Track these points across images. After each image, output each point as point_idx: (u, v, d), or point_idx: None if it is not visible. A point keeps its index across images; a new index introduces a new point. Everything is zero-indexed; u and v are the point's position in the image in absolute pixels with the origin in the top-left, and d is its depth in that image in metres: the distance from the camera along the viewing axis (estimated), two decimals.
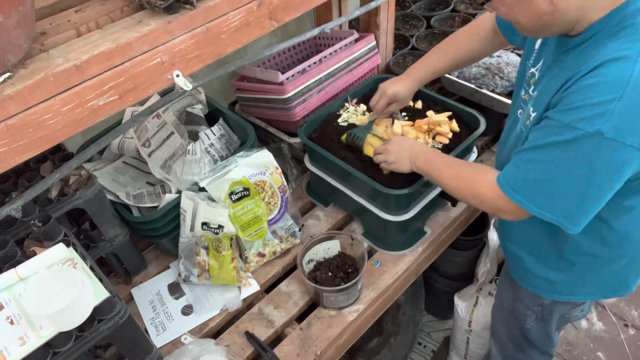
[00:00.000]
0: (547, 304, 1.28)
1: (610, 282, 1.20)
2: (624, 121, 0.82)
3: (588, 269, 1.17)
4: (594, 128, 0.83)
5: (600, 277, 1.18)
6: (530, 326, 1.36)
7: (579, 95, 0.86)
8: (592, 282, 1.20)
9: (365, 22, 1.84)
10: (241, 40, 0.92)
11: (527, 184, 0.96)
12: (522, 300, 1.34)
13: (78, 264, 0.90)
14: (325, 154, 1.38)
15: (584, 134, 0.85)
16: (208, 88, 1.83)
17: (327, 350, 1.25)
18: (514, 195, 0.97)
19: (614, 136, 0.83)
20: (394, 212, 1.32)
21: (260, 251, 1.38)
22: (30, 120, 0.70)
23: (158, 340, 1.26)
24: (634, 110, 0.82)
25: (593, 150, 0.86)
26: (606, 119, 0.82)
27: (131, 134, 1.46)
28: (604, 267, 1.16)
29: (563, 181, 0.91)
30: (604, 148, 0.84)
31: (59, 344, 0.85)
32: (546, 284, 1.24)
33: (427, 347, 2.22)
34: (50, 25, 0.83)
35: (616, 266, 1.16)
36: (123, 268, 1.40)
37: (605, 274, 1.17)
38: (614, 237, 1.10)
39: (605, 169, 0.88)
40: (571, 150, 0.88)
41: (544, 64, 1.04)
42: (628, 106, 0.82)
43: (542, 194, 0.95)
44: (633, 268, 1.18)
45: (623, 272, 1.18)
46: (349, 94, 1.59)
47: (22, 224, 1.06)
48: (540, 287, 1.26)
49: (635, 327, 2.25)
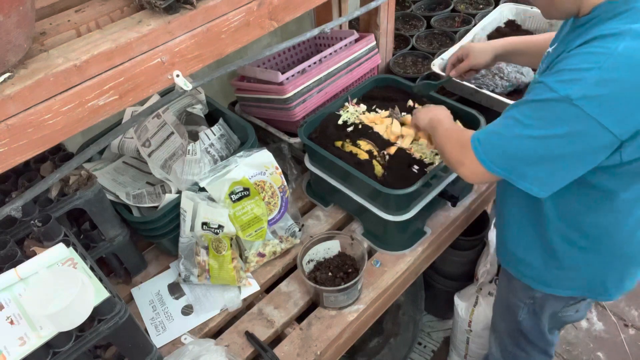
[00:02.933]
0: (538, 298, 1.28)
1: (588, 280, 1.19)
2: (593, 92, 0.83)
3: (566, 258, 1.16)
4: (565, 92, 0.85)
5: (578, 271, 1.18)
6: (522, 319, 1.37)
7: (565, 62, 0.88)
8: (570, 276, 1.20)
9: (365, 22, 1.84)
10: (241, 40, 0.92)
11: (491, 140, 0.97)
12: (515, 292, 1.35)
13: (78, 264, 0.90)
14: (325, 154, 1.38)
15: (556, 96, 0.86)
16: (208, 88, 1.83)
17: (327, 350, 1.25)
18: (477, 150, 0.98)
19: (581, 104, 0.83)
20: (394, 212, 1.32)
21: (260, 251, 1.38)
22: (30, 120, 0.70)
23: (158, 340, 1.26)
24: (605, 83, 0.83)
25: (559, 114, 0.87)
26: (579, 86, 0.84)
27: (131, 134, 1.46)
28: (581, 261, 1.15)
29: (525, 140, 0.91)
30: (569, 114, 0.85)
31: (59, 344, 0.85)
32: (528, 269, 1.25)
33: (427, 347, 2.22)
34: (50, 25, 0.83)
35: (595, 263, 1.15)
36: (123, 268, 1.40)
37: (583, 269, 1.17)
38: (592, 228, 1.09)
39: (567, 137, 0.87)
40: (540, 111, 0.89)
41: (555, 43, 1.06)
42: (601, 77, 0.83)
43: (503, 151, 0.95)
44: (613, 270, 1.16)
45: (601, 271, 1.17)
46: (349, 94, 1.59)
47: (22, 224, 1.06)
48: (523, 273, 1.27)
49: (635, 327, 2.25)
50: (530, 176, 0.94)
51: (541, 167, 0.93)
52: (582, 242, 1.12)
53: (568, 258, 1.16)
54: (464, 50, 1.42)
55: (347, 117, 1.52)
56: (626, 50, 0.82)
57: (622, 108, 0.84)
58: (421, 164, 1.37)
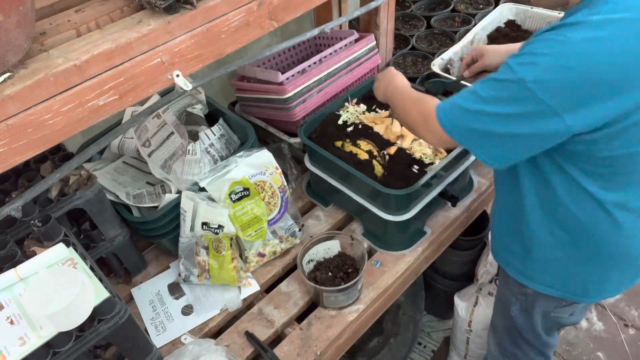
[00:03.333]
0: (529, 294, 1.28)
1: (567, 277, 1.19)
2: (545, 76, 0.86)
3: (546, 249, 1.16)
4: (521, 74, 0.88)
5: (558, 268, 1.18)
6: (514, 314, 1.37)
7: (529, 46, 0.92)
8: (550, 272, 1.20)
9: (365, 22, 1.84)
10: (241, 40, 0.92)
11: (455, 112, 1.01)
12: (508, 287, 1.35)
13: (78, 264, 0.90)
14: (325, 154, 1.38)
15: (513, 77, 0.89)
16: (208, 88, 1.83)
17: (327, 350, 1.25)
18: (442, 120, 1.02)
19: (532, 87, 0.87)
20: (394, 212, 1.32)
21: (260, 251, 1.38)
22: (30, 120, 0.70)
23: (158, 340, 1.26)
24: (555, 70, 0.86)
25: (513, 95, 0.90)
26: (533, 69, 0.87)
27: (131, 134, 1.46)
28: (560, 254, 1.15)
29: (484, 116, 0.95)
30: (522, 96, 0.89)
31: (59, 344, 0.85)
32: (512, 257, 1.26)
33: (427, 347, 2.22)
34: (50, 25, 0.83)
35: (573, 258, 1.14)
36: (123, 268, 1.40)
37: (562, 262, 1.17)
38: (573, 223, 1.09)
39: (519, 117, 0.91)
40: (499, 90, 0.93)
41: None
42: (554, 63, 0.86)
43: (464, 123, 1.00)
44: (595, 272, 1.15)
45: (583, 272, 1.16)
46: (349, 94, 1.59)
47: (22, 224, 1.06)
48: (507, 262, 1.29)
49: (635, 327, 2.25)
50: (485, 149, 1.00)
51: (495, 143, 0.98)
52: (561, 234, 1.12)
53: (547, 249, 1.16)
54: (479, 51, 1.44)
55: (347, 117, 1.52)
56: (580, 41, 0.85)
57: (572, 96, 0.87)
58: (421, 164, 1.37)
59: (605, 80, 0.85)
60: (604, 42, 0.85)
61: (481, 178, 1.62)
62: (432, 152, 1.41)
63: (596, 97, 0.87)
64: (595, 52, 0.85)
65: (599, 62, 0.85)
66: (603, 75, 0.85)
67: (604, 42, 0.85)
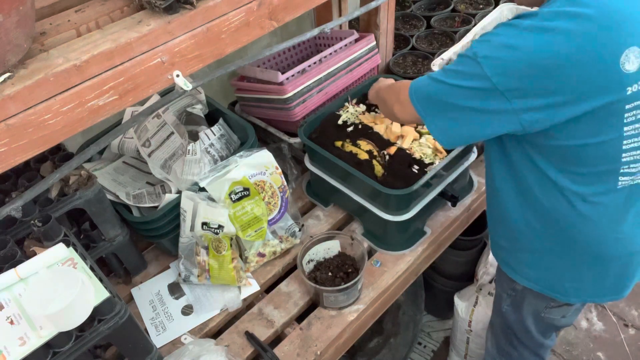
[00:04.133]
0: (518, 290, 1.29)
1: (545, 271, 1.19)
2: (493, 53, 0.92)
3: (528, 241, 1.17)
4: (475, 49, 0.95)
5: (538, 261, 1.18)
6: (505, 310, 1.38)
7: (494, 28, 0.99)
8: (532, 265, 1.20)
9: (365, 22, 1.84)
10: (241, 40, 0.92)
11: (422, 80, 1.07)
12: (501, 281, 1.36)
13: (78, 264, 0.90)
14: (325, 154, 1.38)
15: (470, 53, 0.96)
16: (208, 88, 1.83)
17: (327, 350, 1.25)
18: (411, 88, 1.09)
19: (482, 62, 0.92)
20: (394, 212, 1.32)
21: (260, 251, 1.38)
22: (30, 120, 0.70)
23: (158, 340, 1.26)
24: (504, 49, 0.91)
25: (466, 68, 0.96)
26: (485, 46, 0.94)
27: (131, 134, 1.46)
28: (537, 246, 1.16)
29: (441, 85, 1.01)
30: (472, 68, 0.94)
31: (59, 344, 0.85)
32: (500, 250, 1.29)
33: (427, 347, 2.22)
34: (50, 25, 0.83)
35: (550, 252, 1.15)
36: (123, 268, 1.40)
37: (542, 259, 1.17)
38: (543, 213, 1.10)
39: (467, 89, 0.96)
40: (458, 64, 1.00)
41: None
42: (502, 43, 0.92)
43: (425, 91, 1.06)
44: (569, 268, 1.15)
45: (559, 267, 1.16)
46: (349, 94, 1.59)
47: (22, 224, 1.06)
48: (498, 255, 1.31)
49: (635, 327, 2.25)
50: (437, 121, 1.05)
51: (446, 115, 1.03)
52: (537, 225, 1.13)
53: (527, 240, 1.17)
54: None
55: (347, 117, 1.52)
56: (527, 27, 0.91)
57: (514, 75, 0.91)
58: (421, 164, 1.37)
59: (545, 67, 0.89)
60: (547, 32, 0.89)
61: (481, 178, 1.62)
62: (432, 152, 1.41)
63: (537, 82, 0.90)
64: (538, 38, 0.89)
65: (538, 47, 0.89)
66: (543, 61, 0.89)
67: (547, 32, 0.89)
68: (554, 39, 0.88)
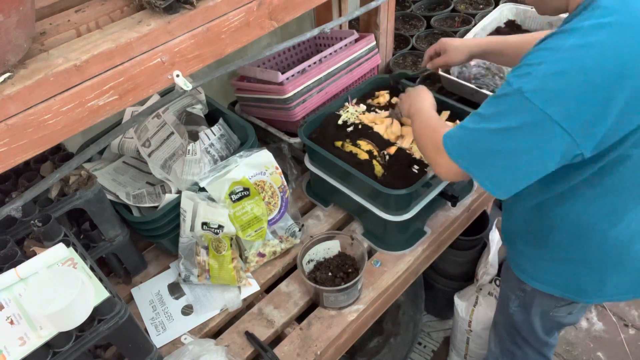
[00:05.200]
0: (528, 291, 1.29)
1: (565, 277, 1.18)
2: (541, 85, 0.86)
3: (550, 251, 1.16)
4: (518, 85, 0.87)
5: (558, 270, 1.18)
6: (513, 311, 1.38)
7: (525, 58, 0.91)
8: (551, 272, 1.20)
9: (365, 22, 1.84)
10: (241, 40, 0.92)
11: (458, 135, 0.99)
12: (509, 282, 1.36)
13: (78, 264, 0.90)
14: (325, 154, 1.38)
15: (511, 90, 0.89)
16: (208, 88, 1.83)
17: (327, 350, 1.25)
18: (447, 144, 1.00)
19: (531, 97, 0.86)
20: (394, 212, 1.32)
21: (260, 251, 1.38)
22: (30, 120, 0.70)
23: (158, 340, 1.26)
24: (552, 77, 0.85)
25: (513, 108, 0.89)
26: (529, 80, 0.87)
27: (131, 134, 1.46)
28: (563, 257, 1.15)
29: (485, 134, 0.93)
30: (522, 107, 0.87)
31: (59, 344, 0.85)
32: (516, 256, 1.27)
33: (427, 347, 2.22)
34: (50, 25, 0.83)
35: (569, 257, 1.14)
36: (123, 268, 1.40)
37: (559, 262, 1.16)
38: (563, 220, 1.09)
39: (520, 130, 0.89)
40: (499, 105, 0.91)
41: None
42: (548, 72, 0.85)
43: (467, 145, 0.97)
44: (588, 270, 1.14)
45: (577, 269, 1.15)
46: (349, 94, 1.59)
47: (22, 224, 1.06)
48: (512, 260, 1.30)
49: (635, 327, 2.25)
50: (488, 172, 0.96)
51: (498, 163, 0.94)
52: (562, 234, 1.12)
53: (549, 249, 1.16)
54: (442, 46, 1.42)
55: (347, 117, 1.52)
56: (571, 47, 0.85)
57: (569, 102, 0.85)
58: (421, 164, 1.37)
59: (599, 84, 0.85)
60: (595, 47, 0.84)
61: None
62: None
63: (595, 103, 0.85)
64: (586, 56, 0.84)
65: (590, 67, 0.84)
66: (596, 79, 0.84)
67: (594, 47, 0.84)
68: (603, 53, 0.84)
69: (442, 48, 1.42)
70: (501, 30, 1.91)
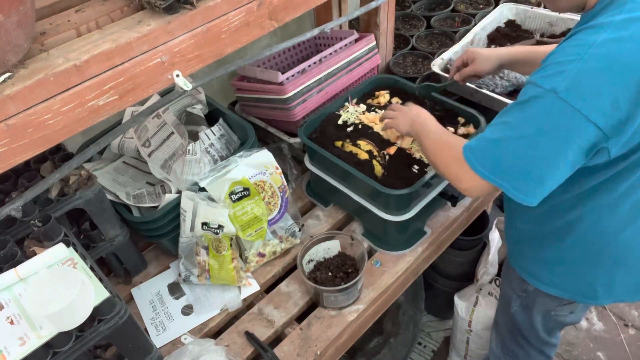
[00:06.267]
0: (530, 292, 1.28)
1: (575, 280, 1.18)
2: (576, 83, 0.82)
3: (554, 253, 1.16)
4: (550, 85, 0.84)
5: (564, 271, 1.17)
6: (514, 311, 1.37)
7: (550, 58, 0.88)
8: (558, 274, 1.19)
9: (365, 22, 1.84)
10: (241, 40, 0.92)
11: (482, 146, 0.95)
12: (511, 282, 1.36)
13: (78, 264, 0.90)
14: (325, 154, 1.38)
15: (541, 91, 0.85)
16: (208, 88, 1.83)
17: (327, 350, 1.25)
18: (469, 158, 0.95)
19: (565, 97, 0.82)
20: (394, 212, 1.32)
21: (260, 251, 1.38)
22: (30, 120, 0.70)
23: (158, 340, 1.26)
24: (586, 74, 0.82)
25: (545, 110, 0.85)
26: (562, 79, 0.83)
27: (131, 134, 1.46)
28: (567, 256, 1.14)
29: (514, 141, 0.89)
30: (555, 108, 0.84)
31: (59, 344, 0.85)
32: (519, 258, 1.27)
33: (427, 347, 2.22)
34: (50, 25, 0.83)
35: (580, 260, 1.13)
36: (123, 268, 1.40)
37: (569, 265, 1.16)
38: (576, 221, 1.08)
39: (554, 132, 0.85)
40: (527, 109, 0.88)
41: None
42: (583, 69, 0.82)
43: (493, 156, 0.92)
44: (600, 271, 1.14)
45: (588, 272, 1.14)
46: (349, 94, 1.59)
47: (22, 224, 1.06)
48: (515, 262, 1.29)
49: (635, 327, 2.25)
50: (517, 182, 0.92)
51: (527, 171, 0.90)
52: (568, 235, 1.11)
53: (553, 251, 1.16)
54: (470, 55, 1.40)
55: (347, 117, 1.52)
56: (605, 42, 0.82)
57: (605, 100, 0.82)
58: (421, 164, 1.37)
59: (636, 80, 0.82)
60: (629, 41, 0.82)
61: None
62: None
63: (627, 100, 0.82)
64: (621, 51, 0.82)
65: (626, 62, 0.81)
66: (633, 74, 0.81)
67: (629, 41, 0.82)
68: (638, 47, 0.81)
69: (470, 57, 1.39)
70: (501, 30, 1.91)
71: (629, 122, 0.85)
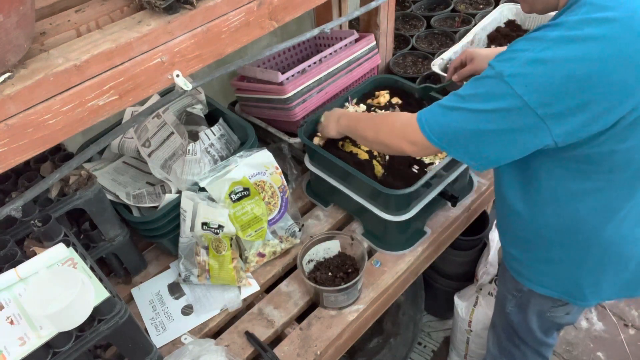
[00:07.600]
0: (524, 291, 1.28)
1: (562, 279, 1.18)
2: (521, 70, 0.87)
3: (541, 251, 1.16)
4: (499, 69, 0.89)
5: (552, 271, 1.18)
6: (509, 311, 1.38)
7: (513, 44, 0.93)
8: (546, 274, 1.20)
9: (365, 22, 1.84)
10: (241, 40, 0.92)
11: (434, 111, 1.01)
12: (506, 282, 1.36)
13: (78, 264, 0.90)
14: (325, 154, 1.38)
15: (492, 73, 0.91)
16: (208, 88, 1.83)
17: (327, 350, 1.25)
18: (420, 119, 1.02)
19: (510, 81, 0.87)
20: (394, 212, 1.32)
21: (260, 251, 1.38)
22: (30, 120, 0.70)
23: (158, 340, 1.26)
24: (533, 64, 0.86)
25: (492, 90, 0.91)
26: (511, 64, 0.88)
27: (131, 134, 1.46)
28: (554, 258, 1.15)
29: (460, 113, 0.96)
30: (500, 89, 0.89)
31: (59, 344, 0.85)
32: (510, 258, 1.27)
33: (427, 347, 2.22)
34: (50, 25, 0.83)
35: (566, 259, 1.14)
36: (123, 268, 1.40)
37: (556, 264, 1.16)
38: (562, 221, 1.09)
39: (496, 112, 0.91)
40: (479, 87, 0.94)
41: None
42: (531, 58, 0.87)
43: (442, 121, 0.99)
44: (585, 271, 1.14)
45: (575, 271, 1.15)
46: (349, 94, 1.59)
47: (22, 224, 1.06)
48: (507, 262, 1.30)
49: (635, 327, 2.25)
50: (463, 148, 0.99)
51: (472, 142, 0.97)
52: (555, 236, 1.12)
53: (540, 250, 1.16)
54: (468, 55, 1.41)
55: None
56: (556, 38, 0.87)
57: (546, 91, 0.86)
58: (421, 164, 1.37)
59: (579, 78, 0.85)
60: (578, 41, 0.86)
61: (481, 178, 1.63)
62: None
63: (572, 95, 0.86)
64: (569, 48, 0.86)
65: (571, 58, 0.85)
66: (577, 72, 0.85)
67: (577, 41, 0.86)
68: (587, 48, 0.84)
69: (468, 57, 1.41)
70: (501, 30, 1.91)
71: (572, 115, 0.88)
